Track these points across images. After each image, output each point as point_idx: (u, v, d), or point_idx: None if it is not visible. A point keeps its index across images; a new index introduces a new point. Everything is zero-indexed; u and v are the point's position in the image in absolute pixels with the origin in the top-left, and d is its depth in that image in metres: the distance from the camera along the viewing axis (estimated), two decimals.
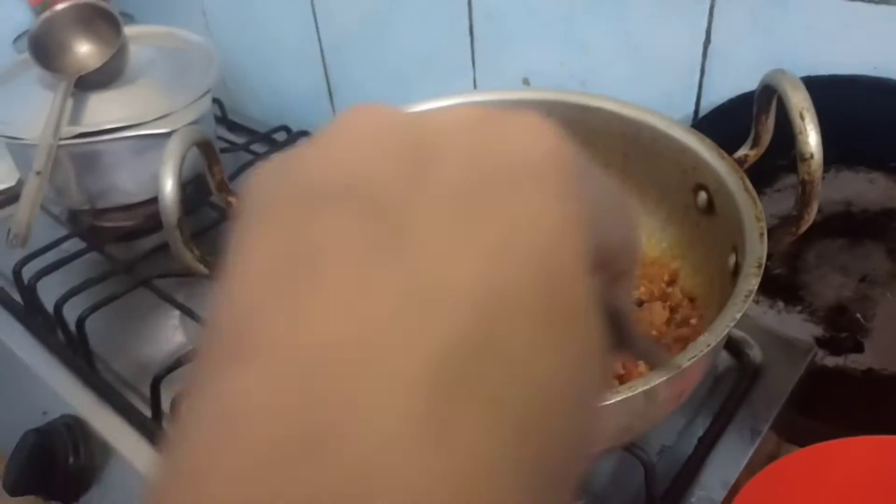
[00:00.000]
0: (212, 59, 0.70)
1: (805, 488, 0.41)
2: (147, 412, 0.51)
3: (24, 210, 0.58)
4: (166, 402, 0.48)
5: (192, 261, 0.43)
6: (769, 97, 0.39)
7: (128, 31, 0.68)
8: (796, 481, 0.40)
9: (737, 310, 0.34)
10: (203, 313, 0.33)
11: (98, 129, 0.63)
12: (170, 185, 0.41)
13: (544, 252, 0.11)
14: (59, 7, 0.67)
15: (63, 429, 0.52)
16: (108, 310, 0.57)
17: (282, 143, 0.78)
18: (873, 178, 0.50)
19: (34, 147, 0.61)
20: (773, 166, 0.51)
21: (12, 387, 0.61)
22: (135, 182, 0.67)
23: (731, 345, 0.50)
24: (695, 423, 0.47)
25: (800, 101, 0.35)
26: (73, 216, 0.73)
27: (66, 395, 0.55)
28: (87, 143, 0.63)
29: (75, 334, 0.56)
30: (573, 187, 0.13)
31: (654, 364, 0.20)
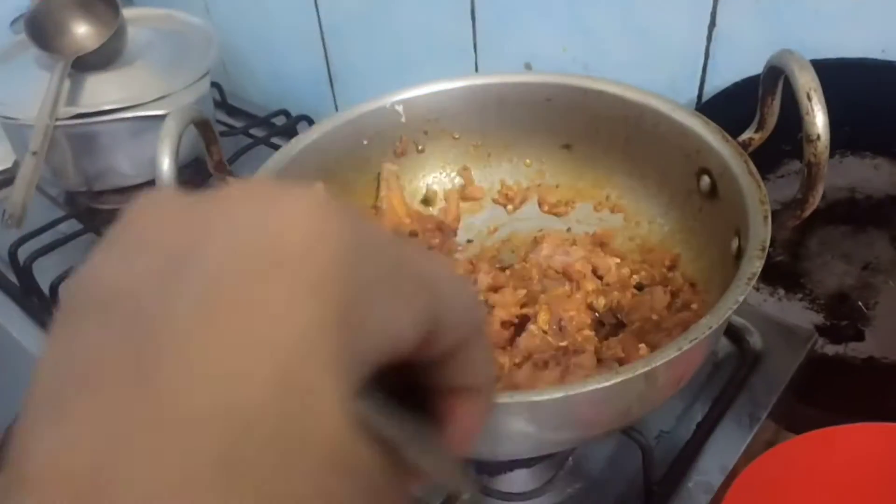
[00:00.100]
0: (211, 40, 0.70)
1: (803, 474, 0.40)
2: None
3: (19, 190, 0.58)
4: None
5: None
6: (775, 78, 0.39)
7: (126, 12, 0.68)
8: (794, 467, 0.40)
9: (739, 292, 0.33)
10: None
11: (95, 111, 0.62)
12: (166, 164, 0.41)
13: (284, 370, 0.11)
14: None
15: None
16: None
17: (281, 127, 0.77)
18: (878, 163, 0.50)
19: (31, 128, 0.60)
20: (777, 152, 0.51)
21: (6, 367, 0.60)
22: (132, 164, 0.66)
23: (732, 331, 0.50)
24: (693, 409, 0.47)
25: (807, 81, 0.34)
26: (70, 198, 0.73)
27: None
28: (84, 123, 0.62)
29: None
30: (334, 276, 0.12)
31: (447, 482, 0.15)
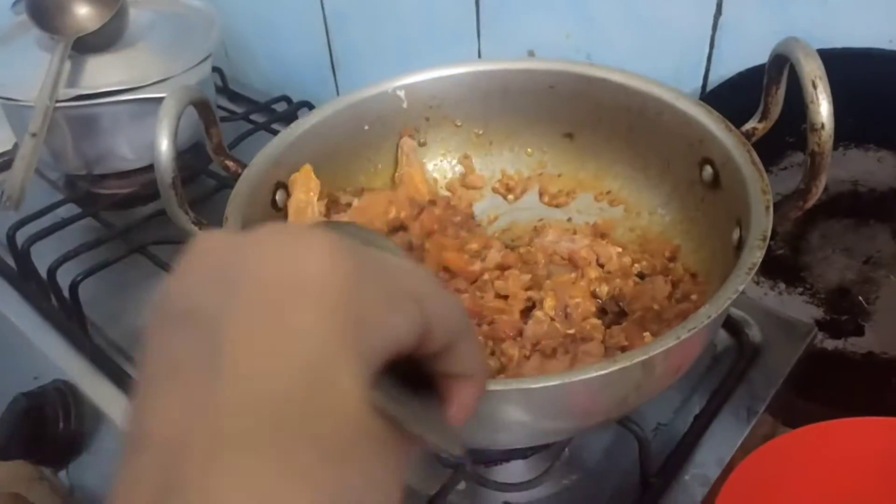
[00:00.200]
0: (212, 23, 0.69)
1: (800, 468, 0.40)
2: None
3: (17, 171, 0.58)
4: None
5: (186, 223, 0.42)
6: (781, 66, 0.38)
7: None
8: (791, 460, 0.40)
9: (739, 282, 0.33)
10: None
11: (95, 92, 0.62)
12: (165, 144, 0.40)
13: (314, 367, 0.16)
14: None
15: (54, 394, 0.51)
16: (103, 276, 0.56)
17: (281, 113, 0.77)
18: (882, 156, 0.49)
19: (31, 109, 0.60)
20: (780, 143, 0.50)
21: (4, 351, 0.60)
22: (132, 148, 0.66)
23: (731, 324, 0.50)
24: (691, 401, 0.47)
25: (813, 69, 0.34)
26: (69, 182, 0.72)
27: (58, 360, 0.54)
28: (85, 105, 0.62)
29: (68, 299, 0.55)
30: (351, 301, 0.17)
31: (442, 446, 0.19)
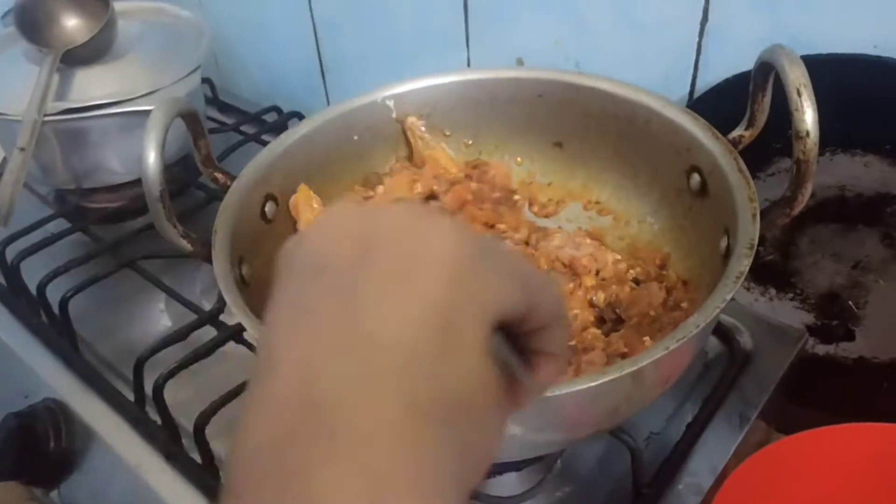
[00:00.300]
0: (202, 34, 0.69)
1: (793, 474, 0.40)
2: (130, 396, 0.50)
3: (6, 186, 0.57)
4: (149, 386, 0.47)
5: (174, 236, 0.42)
6: (766, 74, 0.38)
7: (116, 5, 0.66)
8: (785, 467, 0.40)
9: (727, 291, 0.33)
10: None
11: (84, 105, 0.61)
12: (153, 157, 0.40)
13: (442, 320, 0.19)
14: None
15: (45, 412, 0.51)
16: (93, 291, 0.56)
17: (272, 124, 0.76)
18: (868, 161, 0.49)
19: (18, 123, 0.59)
20: (768, 149, 0.51)
21: None
22: (121, 161, 0.65)
23: (721, 331, 0.50)
24: (683, 410, 0.47)
25: (797, 76, 0.34)
26: (59, 197, 0.72)
27: (49, 377, 0.54)
28: (73, 119, 0.61)
29: (58, 315, 0.55)
30: (470, 273, 0.19)
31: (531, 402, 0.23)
